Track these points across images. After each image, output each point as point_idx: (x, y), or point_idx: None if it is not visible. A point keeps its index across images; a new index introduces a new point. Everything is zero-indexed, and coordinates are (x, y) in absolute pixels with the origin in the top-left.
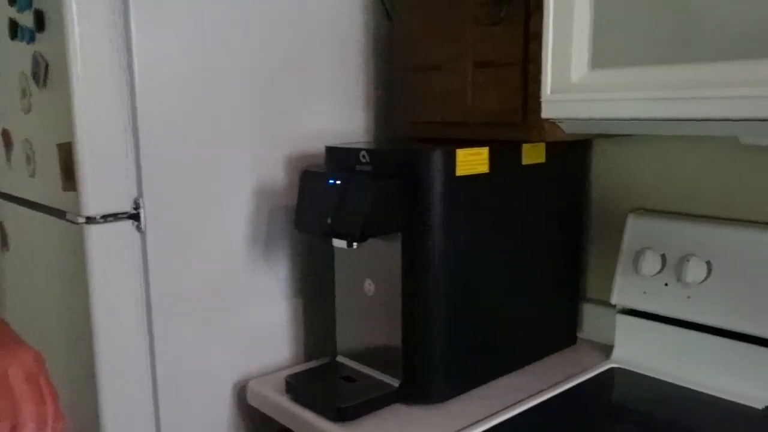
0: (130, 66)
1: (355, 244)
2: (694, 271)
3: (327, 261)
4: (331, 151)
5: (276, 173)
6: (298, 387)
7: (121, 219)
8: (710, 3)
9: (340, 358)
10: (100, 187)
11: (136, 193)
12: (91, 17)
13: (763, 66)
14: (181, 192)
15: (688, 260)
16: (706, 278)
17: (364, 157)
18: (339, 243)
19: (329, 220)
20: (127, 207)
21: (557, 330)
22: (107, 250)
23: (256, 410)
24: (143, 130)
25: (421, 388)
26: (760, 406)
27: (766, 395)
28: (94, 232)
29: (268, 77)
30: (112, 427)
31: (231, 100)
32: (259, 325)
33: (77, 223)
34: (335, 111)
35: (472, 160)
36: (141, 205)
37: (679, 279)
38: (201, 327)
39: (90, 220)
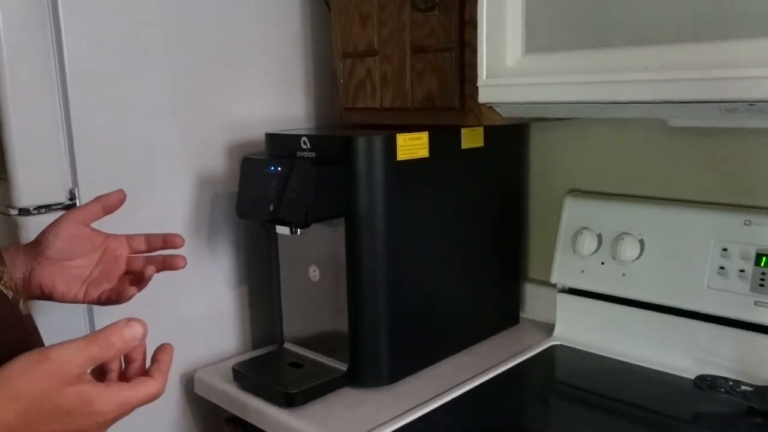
0: (59, 54)
1: (298, 230)
2: (628, 249)
3: (271, 248)
4: (271, 137)
5: (217, 161)
6: (246, 375)
7: (56, 210)
8: None
9: (287, 345)
10: (33, 177)
11: (71, 184)
12: (15, 3)
13: (679, 51)
14: (118, 182)
15: (622, 239)
16: (639, 256)
17: (305, 143)
18: (282, 230)
19: (271, 207)
20: (62, 198)
21: (500, 310)
22: None
23: (204, 400)
24: (76, 119)
25: (368, 371)
26: (691, 376)
27: (696, 366)
28: (27, 223)
29: (203, 65)
30: None
31: (164, 88)
32: (204, 314)
33: (10, 215)
34: (275, 99)
35: (412, 145)
36: (76, 195)
37: (614, 257)
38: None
39: (23, 211)
